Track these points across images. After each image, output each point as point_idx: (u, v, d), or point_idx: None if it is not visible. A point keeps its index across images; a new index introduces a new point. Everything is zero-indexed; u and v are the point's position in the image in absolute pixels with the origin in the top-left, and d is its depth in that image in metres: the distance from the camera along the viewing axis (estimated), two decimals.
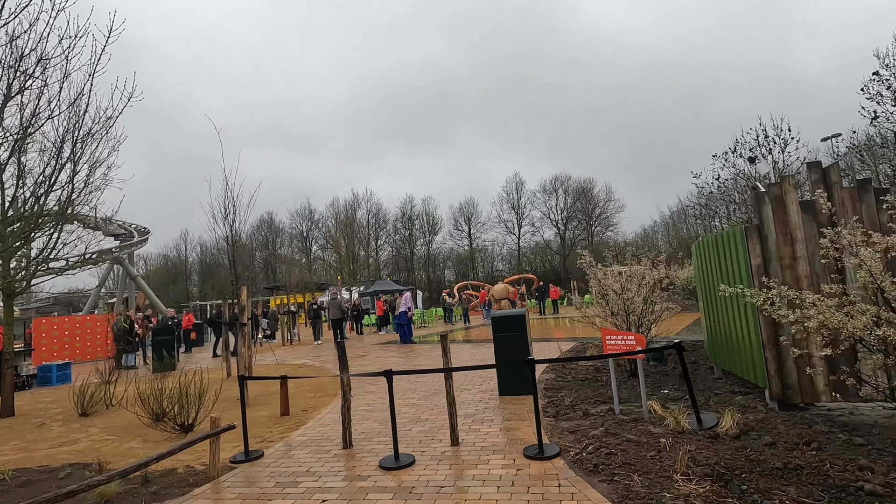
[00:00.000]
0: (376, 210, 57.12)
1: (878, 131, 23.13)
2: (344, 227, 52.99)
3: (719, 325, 6.72)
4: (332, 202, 57.87)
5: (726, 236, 6.12)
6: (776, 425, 4.93)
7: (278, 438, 5.95)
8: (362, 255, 54.25)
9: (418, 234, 57.87)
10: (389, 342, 17.12)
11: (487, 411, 6.44)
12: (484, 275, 54.40)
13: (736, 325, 6.08)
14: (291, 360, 13.92)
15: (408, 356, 12.74)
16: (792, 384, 5.40)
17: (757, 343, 5.59)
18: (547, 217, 54.81)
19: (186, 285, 58.70)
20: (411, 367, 10.72)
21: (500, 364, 7.08)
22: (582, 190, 53.99)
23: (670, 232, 52.97)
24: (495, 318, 7.30)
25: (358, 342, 18.49)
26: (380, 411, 6.81)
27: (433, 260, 58.20)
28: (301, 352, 16.22)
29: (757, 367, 5.65)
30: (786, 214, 5.53)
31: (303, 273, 51.37)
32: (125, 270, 37.52)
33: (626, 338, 5.60)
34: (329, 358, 13.54)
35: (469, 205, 57.34)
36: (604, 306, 7.66)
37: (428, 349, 14.14)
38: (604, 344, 5.91)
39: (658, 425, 5.18)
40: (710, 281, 6.94)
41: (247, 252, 44.73)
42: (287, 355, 15.27)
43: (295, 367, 12.13)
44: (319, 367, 11.72)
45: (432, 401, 7.24)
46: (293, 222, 58.38)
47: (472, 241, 57.12)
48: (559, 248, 54.21)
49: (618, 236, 54.93)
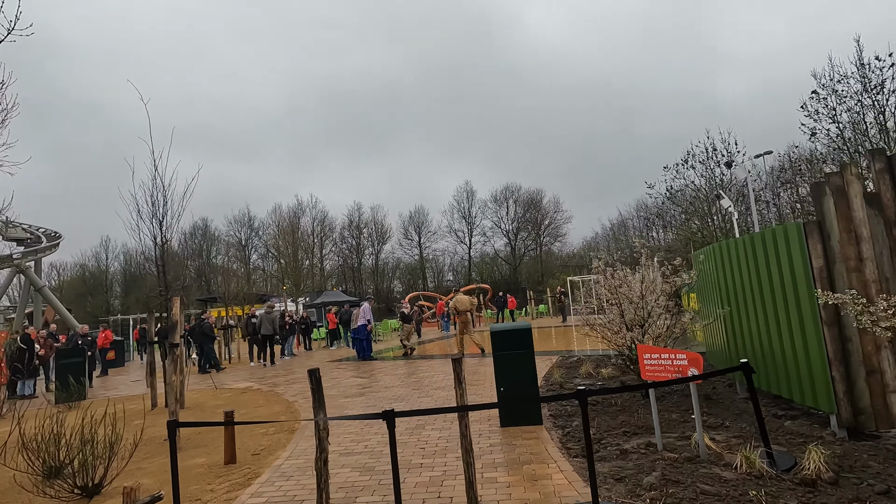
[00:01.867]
0: (322, 217, 54.58)
1: (815, 147, 24.40)
2: (287, 234, 50.06)
3: (753, 338, 5.89)
4: (274, 209, 54.57)
5: (771, 235, 5.29)
6: (866, 462, 4.05)
7: (223, 501, 4.39)
8: (307, 264, 51.45)
9: (366, 243, 55.88)
10: (343, 359, 15.45)
11: (495, 450, 5.19)
12: (434, 285, 53.22)
13: (785, 338, 5.23)
14: (232, 383, 11.97)
15: (370, 376, 11.23)
16: (864, 408, 4.58)
17: (820, 360, 4.74)
18: (498, 227, 54.62)
19: (107, 297, 53.11)
20: (378, 388, 9.27)
21: (503, 390, 5.88)
22: (531, 201, 54.33)
23: (611, 244, 54.37)
24: (496, 333, 6.10)
25: (308, 359, 16.63)
26: (359, 454, 5.38)
27: (381, 270, 56.33)
28: (242, 372, 14.20)
29: (818, 388, 4.79)
30: (849, 209, 4.75)
31: (240, 284, 47.85)
32: (29, 280, 32.90)
33: (674, 357, 4.57)
34: (278, 380, 11.74)
35: (419, 213, 56.12)
36: (613, 318, 6.66)
37: (391, 367, 12.67)
38: (641, 365, 4.85)
39: (723, 466, 4.16)
40: (738, 288, 6.11)
41: (178, 261, 40.94)
42: (226, 377, 13.25)
43: (237, 394, 10.28)
44: (268, 393, 9.96)
45: (420, 436, 5.89)
46: (231, 230, 54.58)
47: (422, 250, 55.87)
48: (508, 258, 54.10)
49: (565, 247, 55.84)
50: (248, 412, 8.12)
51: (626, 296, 6.34)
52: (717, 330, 7.00)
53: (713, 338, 7.36)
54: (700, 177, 27.29)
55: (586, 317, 7.10)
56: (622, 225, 56.95)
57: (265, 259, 56.37)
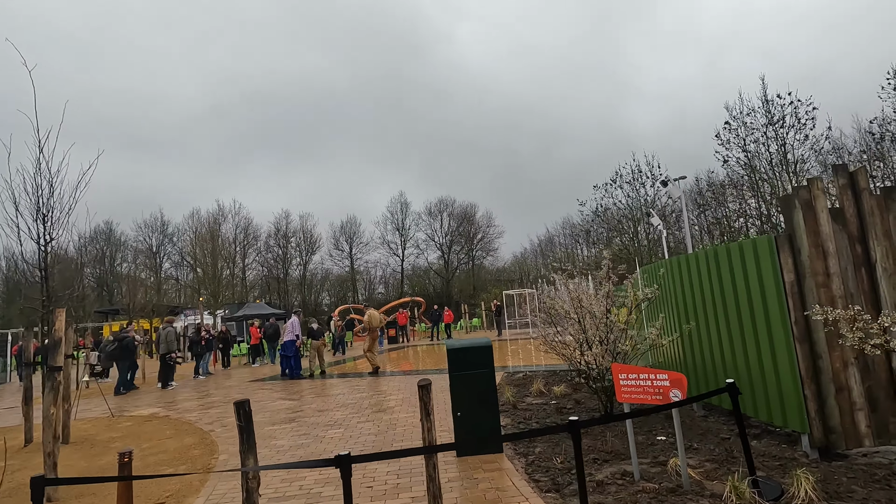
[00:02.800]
0: (246, 225, 51.28)
1: (727, 173, 26.50)
2: (205, 242, 46.40)
3: (715, 355, 5.73)
4: (192, 213, 50.45)
5: (739, 248, 5.16)
6: (848, 486, 3.86)
7: None
8: (227, 274, 47.94)
9: (294, 253, 53.21)
10: (268, 378, 14.07)
11: (454, 486, 4.52)
12: (364, 298, 51.65)
13: (751, 355, 5.08)
14: (133, 408, 10.33)
15: (300, 397, 10.15)
16: (835, 427, 4.46)
17: (791, 378, 4.59)
18: (432, 239, 54.30)
19: None
20: (310, 412, 8.27)
21: (459, 415, 5.27)
22: (465, 214, 54.68)
23: (538, 259, 55.98)
24: (453, 350, 5.48)
25: (226, 378, 15.00)
26: (293, 498, 4.49)
27: (309, 282, 53.84)
28: (146, 396, 12.43)
29: (789, 406, 4.64)
30: (816, 223, 4.70)
31: (149, 294, 43.44)
32: None
33: (654, 378, 4.19)
34: (189, 405, 10.29)
35: (351, 223, 54.48)
36: (574, 334, 6.29)
37: (321, 386, 11.62)
38: (617, 387, 4.44)
39: (711, 498, 3.80)
40: (699, 303, 5.97)
41: (72, 266, 36.40)
42: (126, 402, 11.49)
43: (140, 423, 8.79)
44: (178, 421, 8.60)
45: (365, 470, 5.08)
46: (140, 235, 49.69)
47: (353, 262, 54.18)
48: (441, 271, 53.88)
49: (497, 261, 56.67)
50: (152, 447, 6.84)
51: (588, 310, 5.99)
52: (673, 347, 6.86)
53: (663, 356, 7.22)
54: (626, 196, 28.74)
55: (545, 332, 6.66)
56: (549, 241, 59.01)
57: (179, 268, 51.94)
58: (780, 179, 24.38)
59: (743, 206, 25.99)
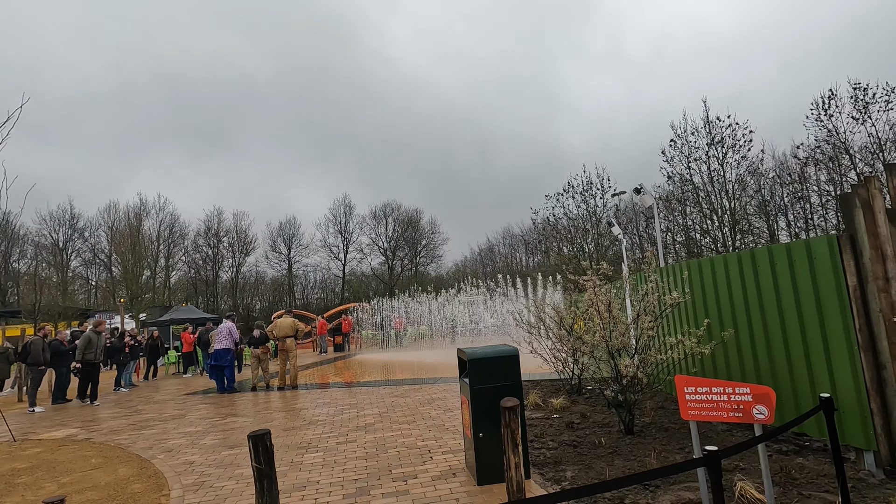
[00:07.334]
0: (171, 221, 47.16)
1: (672, 189, 27.71)
2: (123, 238, 42.00)
3: (750, 364, 5.34)
4: (108, 206, 45.62)
5: (797, 248, 4.79)
6: None
7: None
8: (147, 274, 43.65)
9: (227, 254, 49.64)
10: (202, 391, 12.42)
11: None
12: (301, 303, 49.10)
13: (801, 365, 4.70)
14: (44, 430, 8.50)
15: (255, 415, 8.84)
16: None
17: (854, 389, 4.23)
18: (376, 244, 52.83)
19: None
20: (275, 430, 7.06)
21: (482, 437, 4.48)
22: (410, 220, 53.80)
23: (478, 268, 56.23)
24: (474, 360, 4.67)
25: (154, 391, 13.11)
26: None
27: (242, 285, 50.42)
28: (61, 413, 10.46)
29: (850, 421, 4.28)
30: (875, 225, 4.40)
31: (53, 295, 38.49)
32: None
33: (731, 391, 3.63)
34: (115, 424, 8.65)
35: (290, 225, 51.82)
36: (597, 343, 5.69)
37: (261, 404, 10.30)
38: (681, 401, 3.85)
39: None
40: (738, 308, 5.55)
41: None
42: (35, 423, 9.54)
43: (52, 448, 7.13)
44: (103, 446, 7.06)
45: None
46: (44, 228, 44.16)
47: (291, 265, 51.44)
48: (384, 276, 52.50)
49: (440, 269, 56.18)
50: (74, 482, 5.40)
51: (616, 318, 5.42)
52: (701, 357, 6.43)
53: (687, 365, 6.76)
54: (577, 207, 29.28)
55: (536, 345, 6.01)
56: (490, 250, 59.52)
57: (91, 266, 46.76)
58: (718, 196, 25.82)
59: (687, 219, 27.25)
